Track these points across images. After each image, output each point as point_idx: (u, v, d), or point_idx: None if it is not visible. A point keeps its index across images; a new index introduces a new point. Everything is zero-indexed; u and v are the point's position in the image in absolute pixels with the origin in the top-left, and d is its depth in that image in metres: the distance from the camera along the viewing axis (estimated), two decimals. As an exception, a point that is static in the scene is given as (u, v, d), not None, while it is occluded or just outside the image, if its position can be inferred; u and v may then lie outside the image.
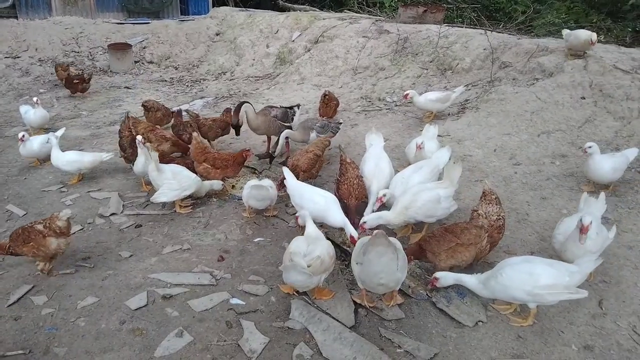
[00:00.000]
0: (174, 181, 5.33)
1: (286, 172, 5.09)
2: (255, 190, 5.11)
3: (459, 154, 6.58)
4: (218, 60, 12.93)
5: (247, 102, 6.65)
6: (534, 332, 3.70)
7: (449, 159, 4.84)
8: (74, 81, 10.33)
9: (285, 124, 6.87)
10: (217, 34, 14.03)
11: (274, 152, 6.40)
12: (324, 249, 3.81)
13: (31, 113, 8.09)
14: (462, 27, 11.25)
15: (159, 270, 4.39)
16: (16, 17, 14.95)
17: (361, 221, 4.60)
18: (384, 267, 3.55)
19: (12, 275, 4.37)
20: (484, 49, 9.26)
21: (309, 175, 5.71)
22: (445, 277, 3.90)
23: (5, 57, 12.26)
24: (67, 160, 6.19)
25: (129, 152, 6.21)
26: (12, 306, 3.93)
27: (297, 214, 4.48)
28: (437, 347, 3.55)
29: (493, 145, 6.76)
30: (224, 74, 12.43)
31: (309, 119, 6.97)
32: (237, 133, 6.83)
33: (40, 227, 4.20)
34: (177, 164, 5.77)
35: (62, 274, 4.34)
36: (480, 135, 7.06)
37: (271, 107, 7.05)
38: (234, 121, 6.62)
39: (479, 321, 3.81)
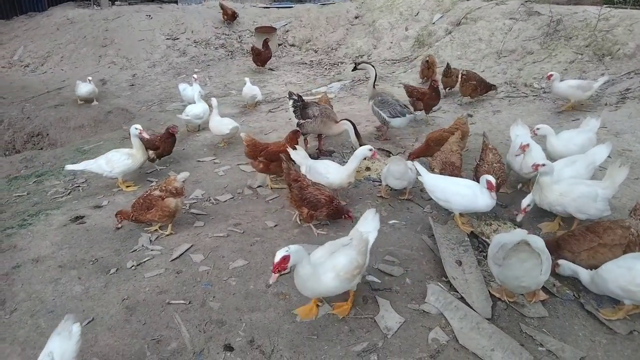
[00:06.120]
0: None
1: (419, 167, 4.90)
2: (394, 166, 5.13)
3: (617, 148, 5.99)
4: (356, 44, 13.08)
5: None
6: None
7: (617, 163, 4.37)
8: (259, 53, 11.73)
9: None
10: (356, 17, 14.16)
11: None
12: None
13: (189, 90, 8.93)
14: (625, 8, 10.14)
15: (300, 241, 4.65)
16: (176, 2, 16.49)
17: None
18: (526, 272, 3.40)
19: (173, 234, 4.92)
20: (653, 32, 8.29)
21: (459, 172, 5.31)
22: (564, 267, 3.81)
23: (167, 39, 13.60)
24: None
25: None
26: (175, 261, 4.43)
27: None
28: (584, 351, 3.32)
29: (659, 141, 6.06)
30: (361, 57, 12.55)
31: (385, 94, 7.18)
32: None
33: (157, 192, 4.78)
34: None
35: (216, 236, 4.79)
36: (644, 129, 6.37)
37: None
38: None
39: (634, 330, 3.50)
